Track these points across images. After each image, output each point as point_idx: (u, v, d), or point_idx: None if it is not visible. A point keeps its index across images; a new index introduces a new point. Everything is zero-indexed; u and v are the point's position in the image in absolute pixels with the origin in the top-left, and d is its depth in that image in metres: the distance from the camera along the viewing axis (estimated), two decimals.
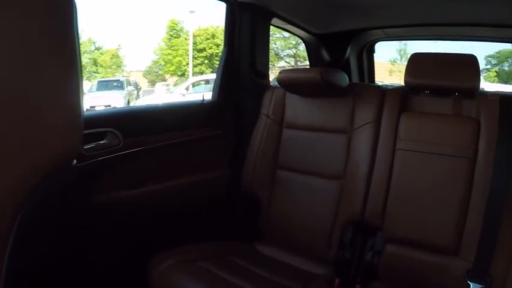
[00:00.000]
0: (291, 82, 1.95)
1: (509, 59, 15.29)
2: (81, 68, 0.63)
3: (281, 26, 2.49)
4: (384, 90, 1.85)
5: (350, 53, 2.76)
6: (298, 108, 1.98)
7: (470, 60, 1.68)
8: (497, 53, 15.02)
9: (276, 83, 2.03)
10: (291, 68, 14.41)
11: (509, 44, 14.07)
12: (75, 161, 0.64)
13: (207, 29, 17.44)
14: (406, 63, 1.79)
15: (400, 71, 15.24)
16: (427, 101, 1.76)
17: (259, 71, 2.18)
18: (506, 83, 14.51)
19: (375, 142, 1.77)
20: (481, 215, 1.54)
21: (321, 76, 1.77)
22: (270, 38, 2.32)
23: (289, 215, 1.92)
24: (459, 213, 1.59)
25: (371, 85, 2.53)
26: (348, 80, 1.90)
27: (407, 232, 1.67)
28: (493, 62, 15.06)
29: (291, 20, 2.42)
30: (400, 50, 15.80)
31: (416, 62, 1.77)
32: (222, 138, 2.10)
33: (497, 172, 1.54)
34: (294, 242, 1.90)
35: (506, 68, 15.49)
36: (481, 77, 1.74)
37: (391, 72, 15.27)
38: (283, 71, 1.96)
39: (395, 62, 15.97)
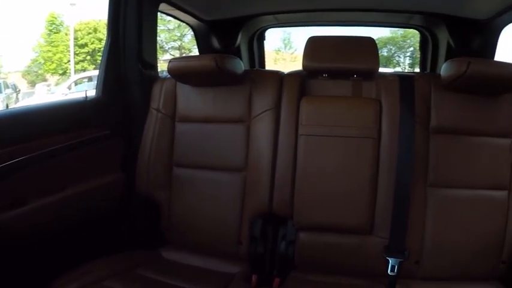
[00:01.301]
0: (182, 71, 1.81)
1: (387, 45, 16.56)
2: None
3: (169, 12, 2.35)
4: (282, 76, 1.82)
5: (241, 40, 2.73)
6: (190, 99, 1.86)
7: (368, 43, 1.74)
8: (377, 39, 16.16)
9: (166, 74, 1.88)
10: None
11: (388, 31, 15.26)
12: None
13: (88, 23, 16.70)
14: (290, 51, 1.78)
15: (284, 59, 16.00)
16: (326, 84, 1.77)
17: (147, 62, 1.99)
18: (385, 67, 15.71)
19: (276, 129, 1.73)
20: (391, 193, 1.59)
21: (216, 63, 1.67)
22: None
23: (192, 215, 1.82)
24: (369, 193, 1.62)
25: (268, 71, 2.48)
26: (243, 66, 1.83)
27: (318, 218, 1.67)
28: None
29: (180, 6, 2.28)
30: (284, 39, 16.46)
31: (313, 45, 1.77)
32: (110, 139, 1.88)
33: (401, 150, 1.59)
34: (201, 243, 1.81)
35: (385, 54, 16.80)
36: None
37: (276, 60, 15.87)
38: (173, 60, 1.82)
39: (279, 50, 16.60)
